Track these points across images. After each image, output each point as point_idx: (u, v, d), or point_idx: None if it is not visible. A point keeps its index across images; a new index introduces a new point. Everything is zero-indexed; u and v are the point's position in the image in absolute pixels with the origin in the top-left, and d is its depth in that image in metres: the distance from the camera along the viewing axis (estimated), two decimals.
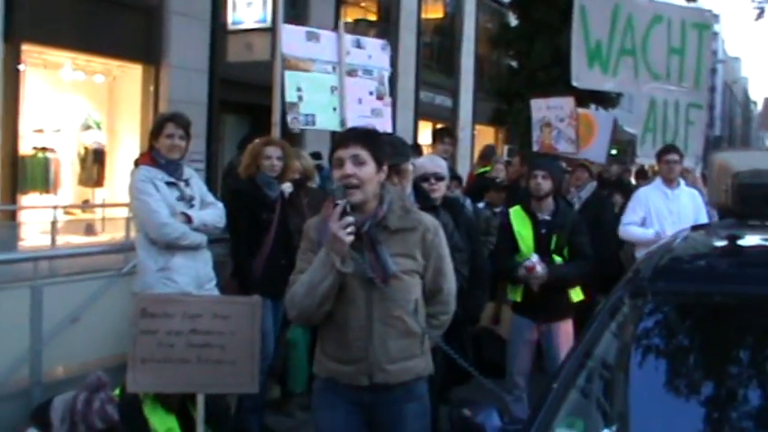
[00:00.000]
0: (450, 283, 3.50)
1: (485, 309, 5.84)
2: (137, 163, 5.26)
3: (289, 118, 6.38)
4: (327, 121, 6.46)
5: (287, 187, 5.84)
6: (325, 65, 6.56)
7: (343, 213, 3.07)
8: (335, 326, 3.30)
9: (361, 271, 3.17)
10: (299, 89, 6.35)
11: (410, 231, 3.31)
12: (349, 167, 3.17)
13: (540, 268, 5.43)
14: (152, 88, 13.20)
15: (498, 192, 8.49)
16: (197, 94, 13.50)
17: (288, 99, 6.34)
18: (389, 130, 6.70)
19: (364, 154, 3.19)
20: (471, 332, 5.84)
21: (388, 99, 7.00)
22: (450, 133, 9.34)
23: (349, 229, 3.06)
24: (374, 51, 6.94)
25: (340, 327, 3.28)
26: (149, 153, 5.23)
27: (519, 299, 5.66)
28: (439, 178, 4.94)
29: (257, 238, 5.59)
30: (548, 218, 5.64)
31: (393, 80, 19.91)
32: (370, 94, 6.83)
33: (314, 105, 6.44)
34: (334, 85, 6.59)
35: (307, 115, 6.41)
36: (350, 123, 6.40)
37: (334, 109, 6.56)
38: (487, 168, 9.80)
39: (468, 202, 7.56)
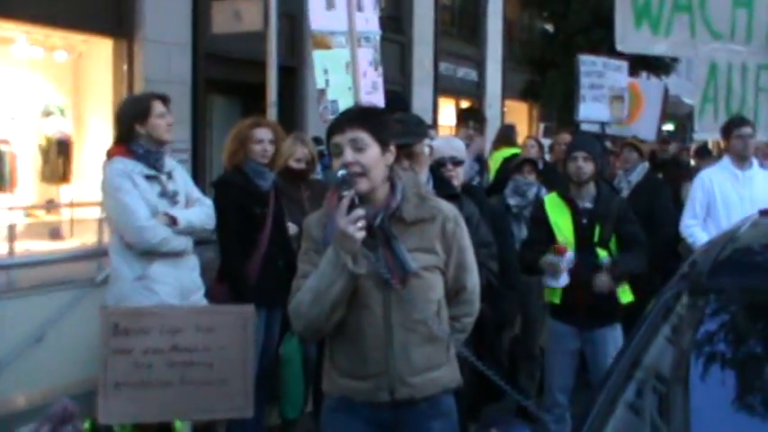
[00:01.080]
0: (474, 280, 3.51)
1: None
2: (109, 154, 5.20)
3: (320, 108, 6.58)
4: (346, 106, 6.54)
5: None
6: (340, 37, 6.66)
7: (352, 206, 3.06)
8: (348, 336, 3.30)
9: (375, 271, 3.17)
10: (326, 71, 6.53)
11: (428, 222, 3.32)
12: (349, 154, 3.17)
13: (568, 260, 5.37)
14: (125, 66, 13.15)
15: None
16: (178, 71, 13.49)
17: (318, 86, 6.55)
18: (382, 103, 6.73)
19: (364, 136, 3.19)
20: (505, 342, 5.83)
21: (380, 68, 7.12)
22: (477, 116, 9.08)
23: (360, 224, 3.06)
24: (369, 13, 7.01)
25: (353, 337, 3.28)
26: (124, 142, 5.18)
27: (558, 301, 5.60)
28: (456, 163, 4.94)
29: (250, 236, 5.59)
30: (589, 205, 5.61)
31: (408, 51, 20.06)
32: (370, 65, 6.93)
33: (336, 90, 6.63)
34: (348, 60, 6.71)
35: (333, 102, 6.58)
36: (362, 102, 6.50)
37: (349, 88, 6.65)
38: (515, 151, 9.71)
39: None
